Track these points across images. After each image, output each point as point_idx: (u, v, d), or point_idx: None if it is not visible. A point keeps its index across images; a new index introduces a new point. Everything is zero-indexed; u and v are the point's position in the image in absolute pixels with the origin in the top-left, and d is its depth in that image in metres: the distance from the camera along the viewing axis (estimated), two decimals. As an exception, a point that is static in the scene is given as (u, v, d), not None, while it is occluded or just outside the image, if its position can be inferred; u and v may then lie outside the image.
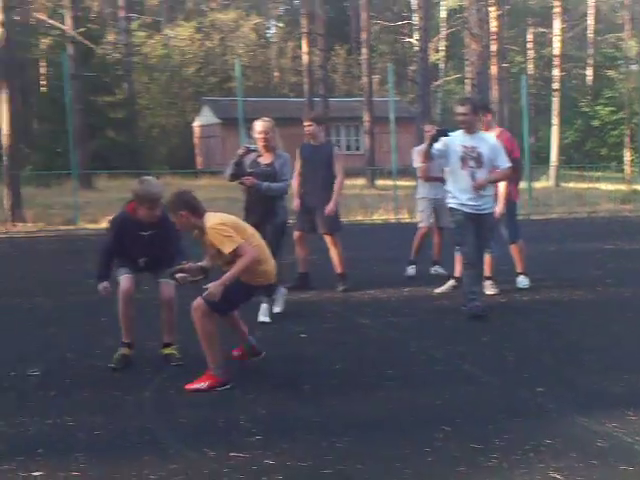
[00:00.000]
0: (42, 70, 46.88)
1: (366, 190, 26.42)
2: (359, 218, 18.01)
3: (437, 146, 7.40)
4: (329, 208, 8.46)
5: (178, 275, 5.44)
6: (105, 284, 5.81)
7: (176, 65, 47.17)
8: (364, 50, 31.17)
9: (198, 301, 5.27)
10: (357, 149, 39.83)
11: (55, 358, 6.15)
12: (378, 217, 17.88)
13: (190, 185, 15.13)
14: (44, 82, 45.95)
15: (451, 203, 7.56)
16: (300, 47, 37.48)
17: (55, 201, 19.85)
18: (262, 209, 7.35)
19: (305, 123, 8.62)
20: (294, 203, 8.74)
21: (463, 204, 7.40)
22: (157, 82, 46.84)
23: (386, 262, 10.47)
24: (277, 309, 7.56)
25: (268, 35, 58.03)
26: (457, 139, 7.44)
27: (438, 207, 9.47)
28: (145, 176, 6.14)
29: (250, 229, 5.60)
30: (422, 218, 9.82)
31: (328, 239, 8.74)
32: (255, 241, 5.49)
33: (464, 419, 4.65)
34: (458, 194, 7.45)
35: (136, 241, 5.78)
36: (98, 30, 37.22)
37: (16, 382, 5.51)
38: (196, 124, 42.85)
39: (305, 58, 30.24)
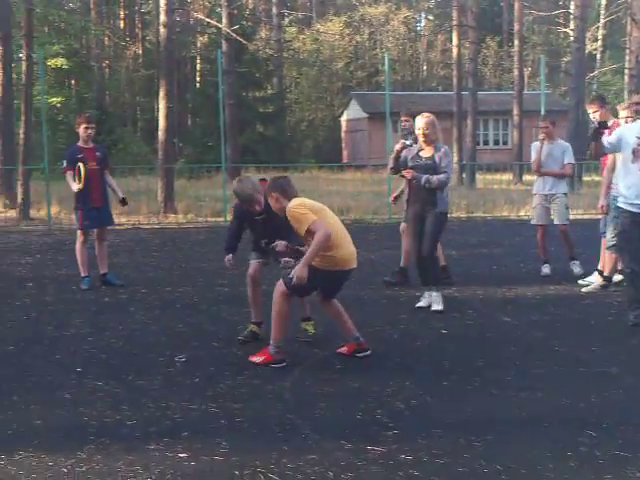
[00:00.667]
0: (197, 67, 48.55)
1: (512, 185, 25.87)
2: (504, 214, 17.64)
3: (609, 139, 6.98)
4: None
5: (284, 259, 5.85)
6: (229, 257, 6.51)
7: (325, 60, 47.71)
8: (516, 42, 30.43)
9: (280, 280, 5.67)
10: (505, 143, 39.02)
11: (201, 346, 6.36)
12: (525, 213, 17.42)
13: (336, 179, 15.27)
14: (198, 78, 47.59)
15: (619, 202, 7.08)
16: (450, 40, 37.04)
17: (205, 193, 20.52)
18: (422, 200, 7.51)
19: (403, 118, 8.98)
20: (391, 197, 9.18)
21: (632, 203, 6.82)
22: (306, 77, 47.55)
23: (533, 260, 10.16)
24: (437, 307, 7.53)
25: (418, 28, 57.68)
26: (633, 130, 6.90)
27: (551, 203, 9.26)
28: (243, 175, 6.63)
29: (330, 214, 5.80)
30: (533, 215, 9.64)
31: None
32: (334, 226, 5.63)
33: (611, 424, 4.46)
34: (626, 191, 6.87)
35: (254, 225, 6.42)
36: (251, 27, 38.18)
37: (164, 368, 5.74)
38: (343, 118, 43.21)
39: (455, 51, 29.82)
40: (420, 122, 7.49)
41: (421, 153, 7.55)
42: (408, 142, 7.66)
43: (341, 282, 5.87)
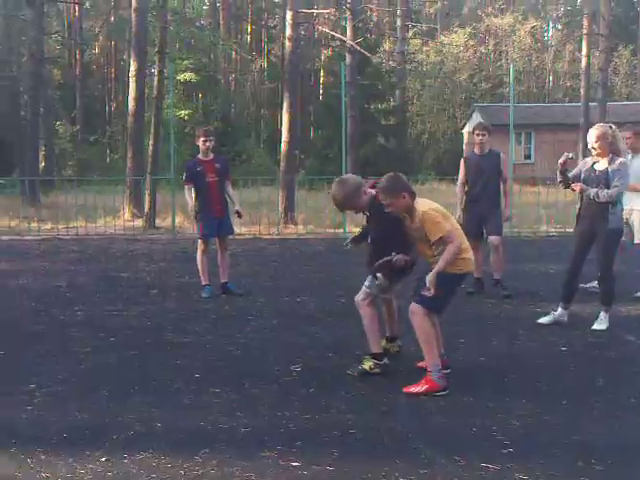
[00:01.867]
0: (321, 79, 49.14)
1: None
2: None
3: None
4: (507, 214, 9.19)
5: (379, 276, 5.72)
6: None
7: (449, 71, 47.37)
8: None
9: (413, 305, 5.41)
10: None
11: (317, 356, 6.41)
12: None
13: (448, 190, 15.10)
14: (321, 91, 48.16)
15: None
16: (579, 49, 36.06)
17: (325, 205, 20.64)
18: (593, 216, 7.27)
19: (478, 132, 9.19)
20: (457, 214, 8.92)
21: None
22: (429, 89, 47.32)
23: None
24: (599, 326, 7.31)
25: (545, 38, 56.43)
26: None
27: (631, 219, 8.82)
28: (344, 175, 6.41)
29: (452, 218, 5.58)
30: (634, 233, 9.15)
31: (495, 244, 9.01)
32: (459, 231, 5.53)
33: None
34: None
35: (367, 221, 6.21)
36: (375, 40, 38.36)
37: (280, 377, 5.81)
38: (465, 130, 42.70)
39: (584, 60, 29.03)
40: (590, 134, 7.25)
41: (595, 166, 7.29)
42: (570, 155, 7.29)
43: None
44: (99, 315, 8.09)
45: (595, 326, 7.30)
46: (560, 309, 7.52)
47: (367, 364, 5.86)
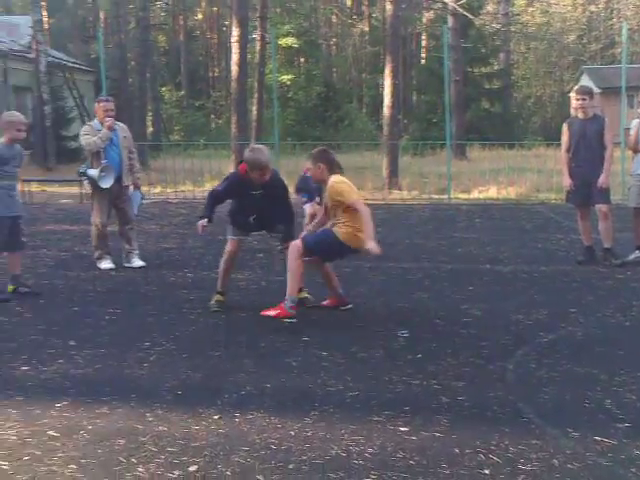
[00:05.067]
0: (423, 43, 48.44)
1: None
2: None
3: None
4: (602, 180, 8.60)
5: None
6: (203, 222, 6.63)
7: (555, 33, 45.95)
8: None
9: (297, 242, 6.32)
10: None
11: (423, 322, 6.40)
12: None
13: (555, 156, 14.68)
14: (424, 55, 47.49)
15: None
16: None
17: (429, 170, 20.47)
18: None
19: (578, 97, 8.86)
20: (564, 181, 8.92)
21: None
22: (535, 51, 46.05)
23: None
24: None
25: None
26: None
27: None
28: (256, 144, 7.33)
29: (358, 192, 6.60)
30: (629, 197, 8.97)
31: (603, 211, 8.73)
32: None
33: None
34: None
35: (247, 199, 6.61)
36: (478, 1, 37.49)
37: (387, 342, 5.82)
38: (573, 94, 41.41)
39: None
40: None
41: None
42: None
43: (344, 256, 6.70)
44: (208, 278, 8.26)
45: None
46: None
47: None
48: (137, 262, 8.95)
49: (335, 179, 6.36)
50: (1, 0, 44.05)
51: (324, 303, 6.84)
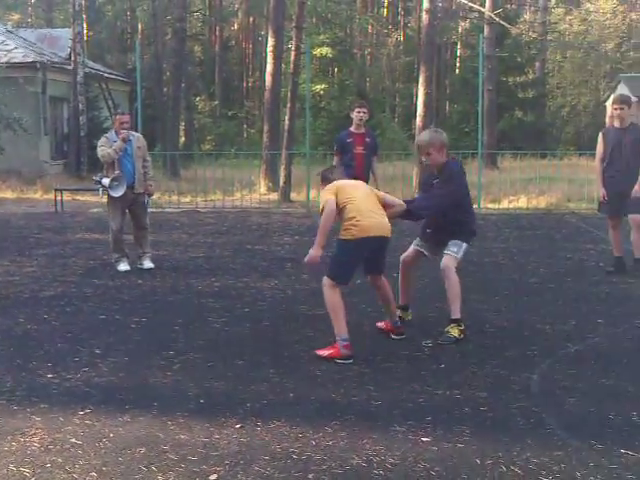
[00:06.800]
0: (457, 52, 48.27)
1: None
2: None
3: None
4: (637, 189, 8.44)
5: None
6: None
7: (593, 41, 45.47)
8: None
9: (324, 279, 5.73)
10: None
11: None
12: None
13: (587, 165, 14.53)
14: (458, 64, 47.33)
15: None
16: None
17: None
18: None
19: (616, 105, 8.67)
20: (600, 191, 8.85)
21: None
22: (571, 60, 45.64)
23: None
24: None
25: None
26: None
27: None
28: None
29: (359, 191, 5.86)
30: None
31: (636, 221, 8.59)
32: (357, 199, 5.71)
33: None
34: None
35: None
36: (515, 10, 37.34)
37: (411, 351, 5.80)
38: (609, 103, 40.96)
39: None
40: None
41: None
42: None
43: (375, 252, 5.82)
44: (235, 286, 8.30)
45: None
46: None
47: (455, 331, 6.03)
48: (147, 264, 9.45)
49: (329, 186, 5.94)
50: (43, 14, 44.78)
51: (379, 325, 6.45)
